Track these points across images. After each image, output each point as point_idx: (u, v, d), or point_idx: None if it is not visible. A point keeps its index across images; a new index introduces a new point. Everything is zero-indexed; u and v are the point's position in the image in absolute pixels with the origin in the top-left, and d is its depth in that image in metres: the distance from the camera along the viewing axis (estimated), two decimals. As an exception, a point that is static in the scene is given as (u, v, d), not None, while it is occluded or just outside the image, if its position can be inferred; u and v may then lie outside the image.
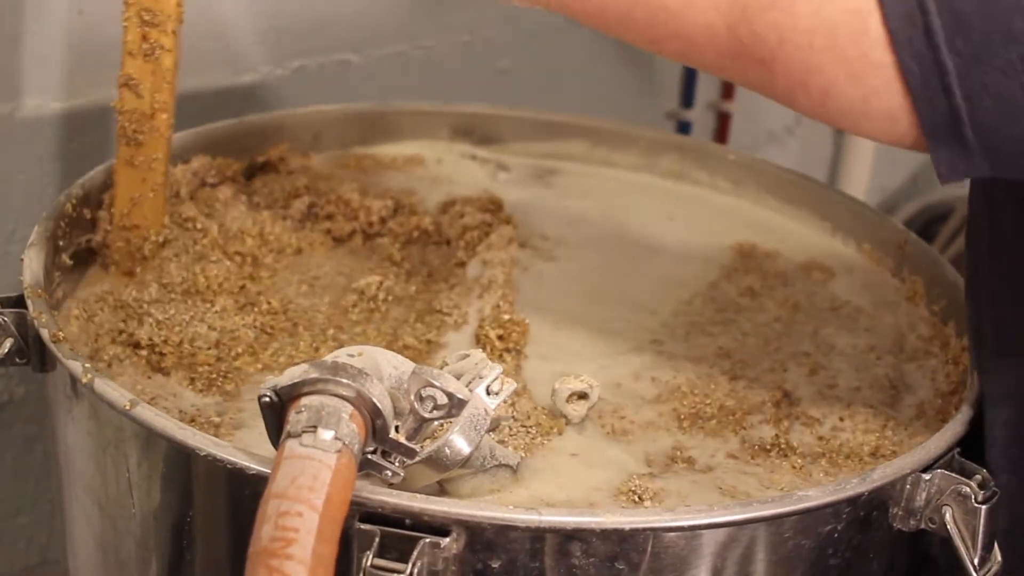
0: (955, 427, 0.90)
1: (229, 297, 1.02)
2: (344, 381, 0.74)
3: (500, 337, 1.00)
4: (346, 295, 1.05)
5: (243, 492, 0.80)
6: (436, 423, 0.81)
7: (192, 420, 0.90)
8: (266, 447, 0.77)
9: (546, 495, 0.86)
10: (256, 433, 0.88)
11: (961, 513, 0.85)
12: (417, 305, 1.05)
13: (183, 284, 1.02)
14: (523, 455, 0.88)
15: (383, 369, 0.80)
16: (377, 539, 0.76)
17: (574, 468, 0.89)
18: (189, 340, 0.96)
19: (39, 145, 1.26)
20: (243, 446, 0.81)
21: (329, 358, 0.78)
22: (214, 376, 0.94)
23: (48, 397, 0.99)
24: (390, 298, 1.05)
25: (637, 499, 0.86)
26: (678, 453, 0.92)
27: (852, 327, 1.10)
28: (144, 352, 0.95)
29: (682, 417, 0.95)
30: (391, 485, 0.79)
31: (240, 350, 0.97)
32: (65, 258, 1.04)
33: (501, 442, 0.89)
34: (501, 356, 0.99)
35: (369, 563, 0.75)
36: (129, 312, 0.99)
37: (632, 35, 0.82)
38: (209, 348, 0.96)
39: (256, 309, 1.01)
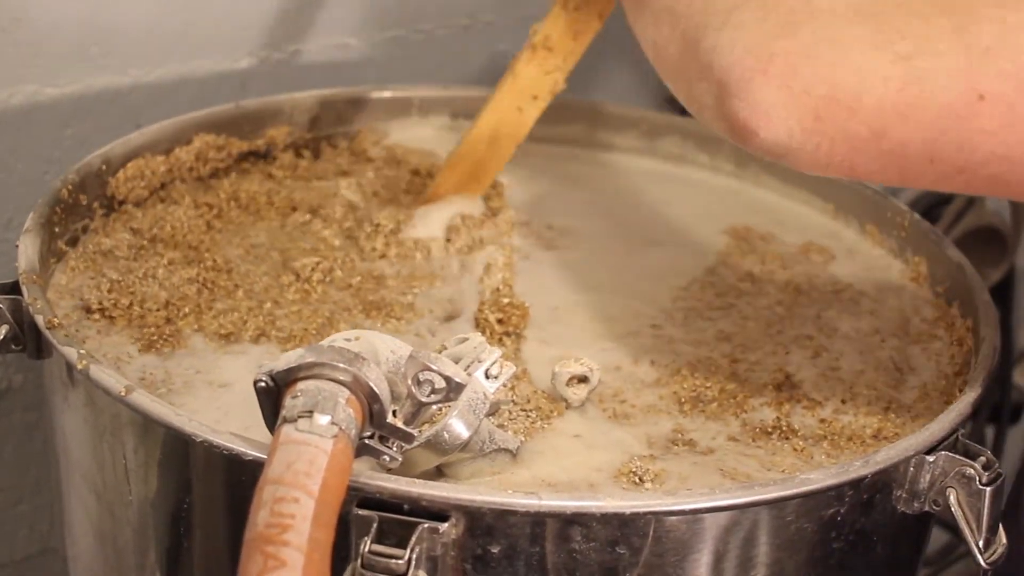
0: (959, 408, 0.89)
1: (178, 250, 1.05)
2: (341, 365, 0.73)
3: (500, 321, 0.99)
4: (285, 272, 1.05)
5: (240, 478, 0.79)
6: (434, 407, 0.80)
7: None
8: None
9: (547, 475, 0.85)
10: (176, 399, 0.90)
11: (965, 495, 0.84)
12: (365, 296, 1.04)
13: (151, 231, 1.06)
14: (523, 439, 0.87)
15: (380, 353, 0.79)
16: (375, 524, 0.75)
17: (575, 449, 0.88)
18: (139, 302, 0.97)
19: (35, 132, 1.26)
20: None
21: (326, 342, 0.77)
22: (155, 338, 0.95)
23: (44, 384, 0.99)
24: (327, 279, 1.04)
25: (638, 480, 0.85)
26: (679, 436, 0.91)
27: (855, 310, 1.09)
28: (96, 316, 0.97)
29: (683, 400, 0.95)
30: (389, 470, 0.78)
31: (188, 310, 0.98)
32: (61, 244, 1.04)
33: (500, 426, 0.88)
34: (500, 340, 0.99)
35: (367, 549, 0.74)
36: (97, 268, 1.02)
37: (937, 167, 0.78)
38: (159, 309, 0.97)
39: (201, 265, 1.03)
